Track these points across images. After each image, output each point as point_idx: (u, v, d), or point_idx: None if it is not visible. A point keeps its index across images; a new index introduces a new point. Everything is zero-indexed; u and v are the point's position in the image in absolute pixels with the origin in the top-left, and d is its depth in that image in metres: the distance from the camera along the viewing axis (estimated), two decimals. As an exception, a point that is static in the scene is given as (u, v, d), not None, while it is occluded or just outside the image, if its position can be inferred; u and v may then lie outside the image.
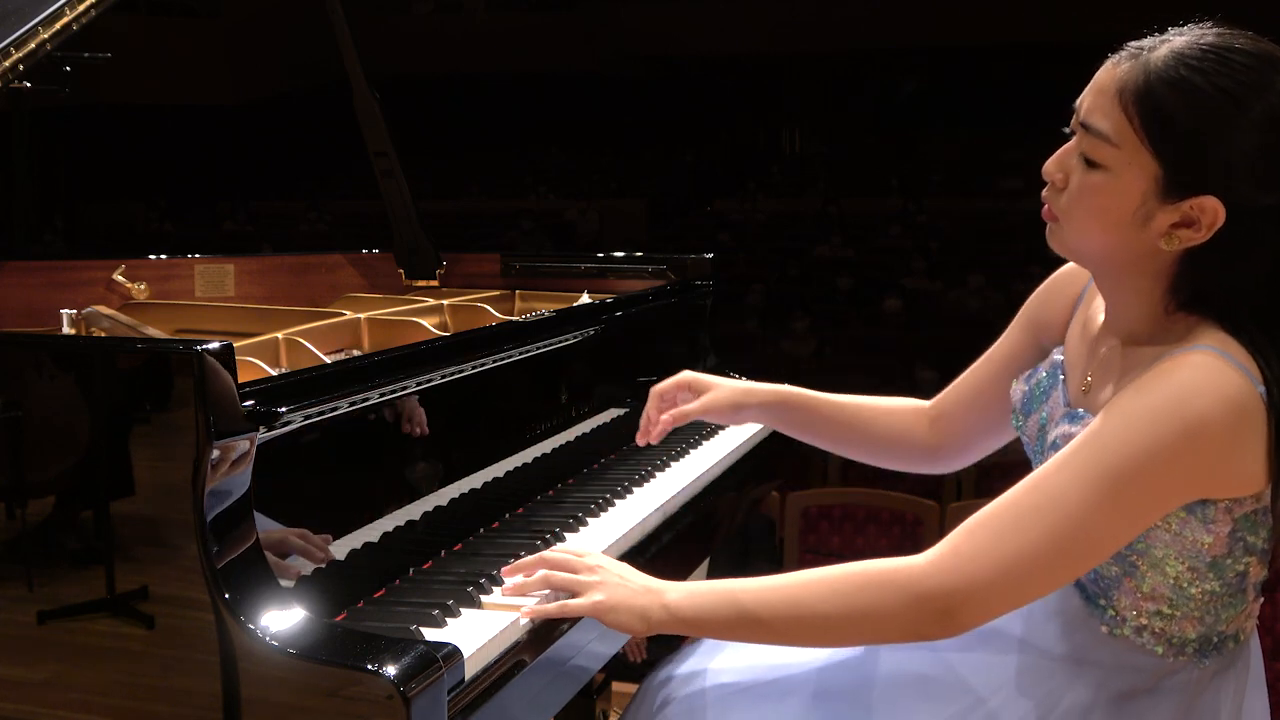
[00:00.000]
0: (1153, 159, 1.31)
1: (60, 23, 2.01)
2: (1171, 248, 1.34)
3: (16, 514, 1.38)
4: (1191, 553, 1.38)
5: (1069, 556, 1.34)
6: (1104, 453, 1.31)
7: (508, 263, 2.90)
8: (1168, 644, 1.43)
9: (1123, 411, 1.33)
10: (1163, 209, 1.33)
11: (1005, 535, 1.33)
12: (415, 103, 13.52)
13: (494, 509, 1.87)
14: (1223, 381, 1.30)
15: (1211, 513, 1.36)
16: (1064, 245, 1.44)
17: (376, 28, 15.17)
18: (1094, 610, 1.46)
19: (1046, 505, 1.33)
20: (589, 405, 2.24)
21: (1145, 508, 1.33)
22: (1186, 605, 1.41)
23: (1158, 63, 1.31)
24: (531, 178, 17.42)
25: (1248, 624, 1.48)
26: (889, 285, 9.69)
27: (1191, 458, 1.30)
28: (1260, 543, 1.40)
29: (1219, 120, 1.29)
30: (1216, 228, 1.31)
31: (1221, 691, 1.46)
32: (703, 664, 1.70)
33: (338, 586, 1.48)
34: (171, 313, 2.39)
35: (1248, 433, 1.31)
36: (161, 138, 15.76)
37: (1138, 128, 1.31)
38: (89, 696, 1.34)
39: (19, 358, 1.40)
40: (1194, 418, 1.29)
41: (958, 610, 1.35)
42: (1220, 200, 1.30)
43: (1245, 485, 1.34)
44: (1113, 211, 1.35)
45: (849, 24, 15.95)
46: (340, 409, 1.52)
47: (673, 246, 9.99)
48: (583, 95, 17.96)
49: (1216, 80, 1.29)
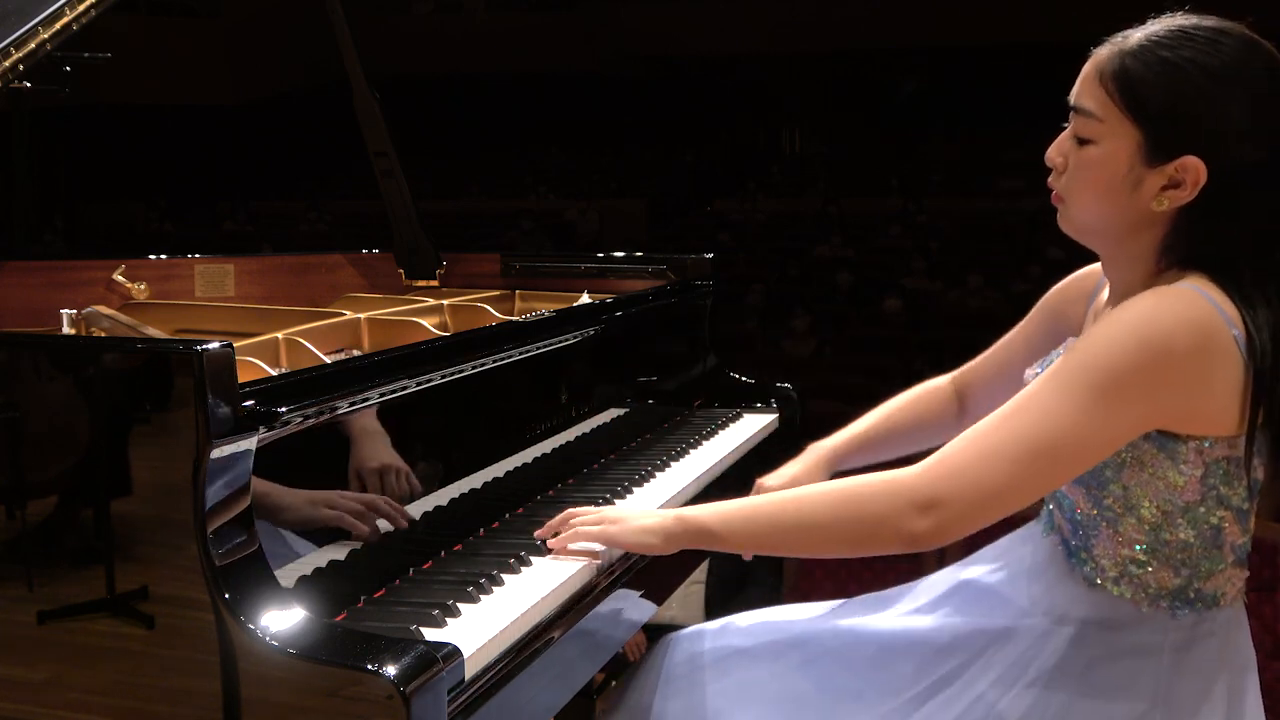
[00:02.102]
0: (1134, 127, 1.45)
1: (60, 23, 2.01)
2: (1162, 208, 1.45)
3: (16, 514, 1.38)
4: (1164, 495, 1.46)
5: (1046, 461, 1.42)
6: (1078, 364, 1.42)
7: (508, 263, 2.90)
8: (1144, 593, 1.50)
9: (1098, 331, 1.44)
10: (1150, 172, 1.45)
11: (989, 439, 1.44)
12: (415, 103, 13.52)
13: (494, 509, 1.87)
14: (1191, 309, 1.40)
15: (1181, 451, 1.43)
16: (1070, 223, 1.54)
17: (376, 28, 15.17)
18: (1076, 563, 1.54)
19: (1027, 412, 1.43)
20: (589, 405, 2.24)
21: (1116, 417, 1.41)
22: (1162, 552, 1.48)
23: (1131, 45, 1.47)
24: (531, 178, 17.42)
25: (1229, 589, 1.52)
26: (889, 285, 9.68)
27: (1155, 373, 1.39)
28: (1236, 499, 1.47)
29: (1189, 87, 1.42)
30: (1201, 185, 1.42)
31: (1205, 663, 1.50)
32: (706, 630, 1.81)
33: (338, 586, 1.49)
34: (171, 313, 2.39)
35: (1216, 365, 1.39)
36: (161, 138, 15.75)
37: (1117, 101, 1.45)
38: (89, 696, 1.34)
39: (19, 358, 1.40)
40: (1158, 336, 1.39)
41: (942, 508, 1.43)
42: (1201, 159, 1.42)
43: (1214, 425, 1.42)
44: (1105, 181, 1.47)
45: (849, 24, 15.96)
46: (340, 409, 1.52)
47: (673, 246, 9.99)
48: (583, 95, 17.96)
49: (1182, 52, 1.43)
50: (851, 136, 18.29)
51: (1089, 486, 1.51)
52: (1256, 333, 1.40)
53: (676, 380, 2.69)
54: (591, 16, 17.38)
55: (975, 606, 1.62)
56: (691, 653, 1.81)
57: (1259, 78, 1.43)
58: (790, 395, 2.72)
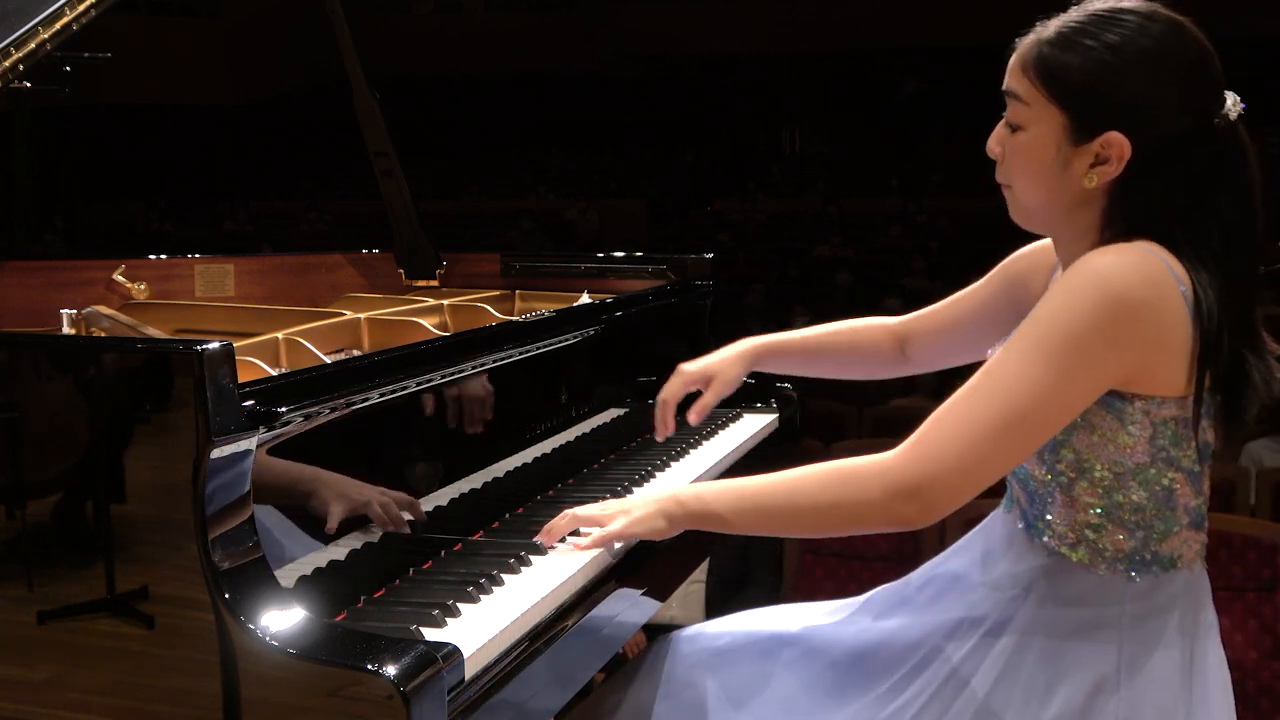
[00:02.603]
0: (1057, 109, 1.51)
1: (60, 23, 2.01)
2: (1093, 185, 1.51)
3: (16, 514, 1.38)
4: (1115, 457, 1.50)
5: (1018, 431, 1.46)
6: (1039, 329, 1.46)
7: (508, 263, 2.90)
8: (1101, 557, 1.53)
9: (1054, 294, 1.48)
10: (1077, 151, 1.51)
11: (962, 417, 1.47)
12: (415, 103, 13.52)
13: (494, 509, 1.86)
14: (1145, 264, 1.45)
15: (1129, 411, 1.47)
16: (1017, 210, 1.62)
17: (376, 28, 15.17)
18: (1034, 534, 1.57)
19: (995, 384, 1.47)
20: (589, 405, 2.24)
21: (1082, 377, 1.44)
22: (1116, 515, 1.52)
23: (1049, 32, 1.54)
24: (531, 178, 17.42)
25: (1186, 551, 1.55)
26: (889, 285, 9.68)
27: (1115, 326, 1.42)
28: (1186, 461, 1.51)
29: (1103, 67, 1.49)
30: (1126, 160, 1.49)
31: (1165, 625, 1.51)
32: (704, 629, 1.84)
33: (338, 586, 1.48)
34: (171, 313, 2.39)
35: (1168, 320, 1.44)
36: (161, 138, 15.76)
37: (1038, 85, 1.52)
38: (89, 696, 1.34)
39: (19, 358, 1.40)
40: (1114, 289, 1.43)
41: (926, 491, 1.47)
42: (1124, 135, 1.48)
43: (1163, 384, 1.47)
44: (1038, 163, 1.54)
45: (849, 24, 15.96)
46: (340, 409, 1.52)
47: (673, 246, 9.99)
48: (583, 95, 17.97)
49: (1097, 35, 1.50)
50: (851, 136, 18.29)
51: (1042, 453, 1.54)
52: (1203, 292, 1.44)
53: (676, 380, 2.68)
54: (591, 16, 17.38)
55: (948, 595, 1.64)
56: (684, 654, 1.82)
57: (1173, 52, 1.49)
58: (790, 395, 2.72)
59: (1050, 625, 1.53)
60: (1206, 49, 1.51)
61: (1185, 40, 1.50)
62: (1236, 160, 1.51)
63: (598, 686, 1.96)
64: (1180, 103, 1.48)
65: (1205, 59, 1.51)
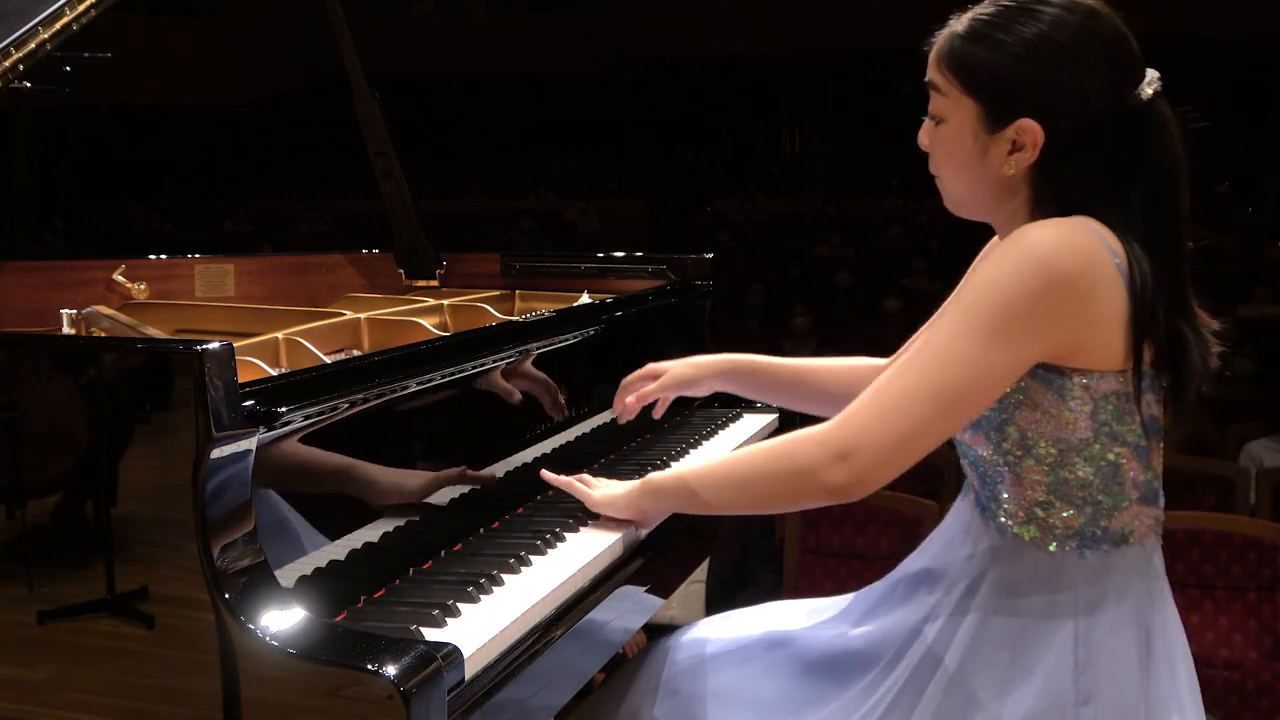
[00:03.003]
0: (971, 100, 1.56)
1: (60, 23, 2.01)
2: (1012, 171, 1.54)
3: (16, 514, 1.38)
4: (1058, 433, 1.51)
5: (950, 401, 1.47)
6: (971, 301, 1.48)
7: (508, 263, 2.90)
8: (1051, 535, 1.54)
9: (986, 266, 1.51)
10: (993, 140, 1.55)
11: (895, 387, 1.49)
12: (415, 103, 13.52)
13: (494, 509, 1.86)
14: (1076, 234, 1.47)
15: (1068, 386, 1.49)
16: (949, 199, 1.67)
17: (376, 28, 15.17)
18: (989, 516, 1.59)
19: (927, 356, 1.49)
20: (589, 405, 2.24)
21: (1013, 347, 1.46)
22: (1064, 491, 1.53)
23: (960, 24, 1.58)
24: (531, 178, 17.42)
25: (1137, 525, 1.56)
26: (889, 285, 9.68)
27: (1045, 296, 1.44)
28: (1131, 436, 1.52)
29: (1013, 57, 1.52)
30: (1042, 145, 1.52)
31: (1119, 601, 1.52)
32: (700, 632, 1.85)
33: (338, 586, 1.48)
34: (171, 313, 2.39)
35: (1101, 290, 1.46)
36: (161, 138, 15.76)
37: (952, 78, 1.57)
38: (89, 696, 1.34)
39: (19, 358, 1.40)
40: (1044, 258, 1.45)
41: (856, 457, 1.48)
42: (1036, 121, 1.51)
43: (1100, 358, 1.48)
44: (959, 153, 1.59)
45: (849, 24, 15.96)
46: (340, 409, 1.52)
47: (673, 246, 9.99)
48: (583, 95, 17.97)
49: (1006, 26, 1.53)
50: (851, 136, 18.28)
51: (988, 433, 1.55)
52: (1136, 264, 1.47)
53: (676, 380, 2.68)
54: (591, 16, 17.38)
55: (917, 590, 1.65)
56: (680, 656, 1.83)
57: (1084, 38, 1.51)
58: (790, 395, 2.71)
59: (1008, 607, 1.55)
60: (1120, 31, 1.53)
61: (1096, 26, 1.52)
62: (1156, 137, 1.53)
63: (598, 686, 1.96)
64: (1092, 87, 1.51)
65: (1118, 42, 1.52)
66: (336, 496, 1.56)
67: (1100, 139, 1.52)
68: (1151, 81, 1.53)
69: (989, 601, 1.55)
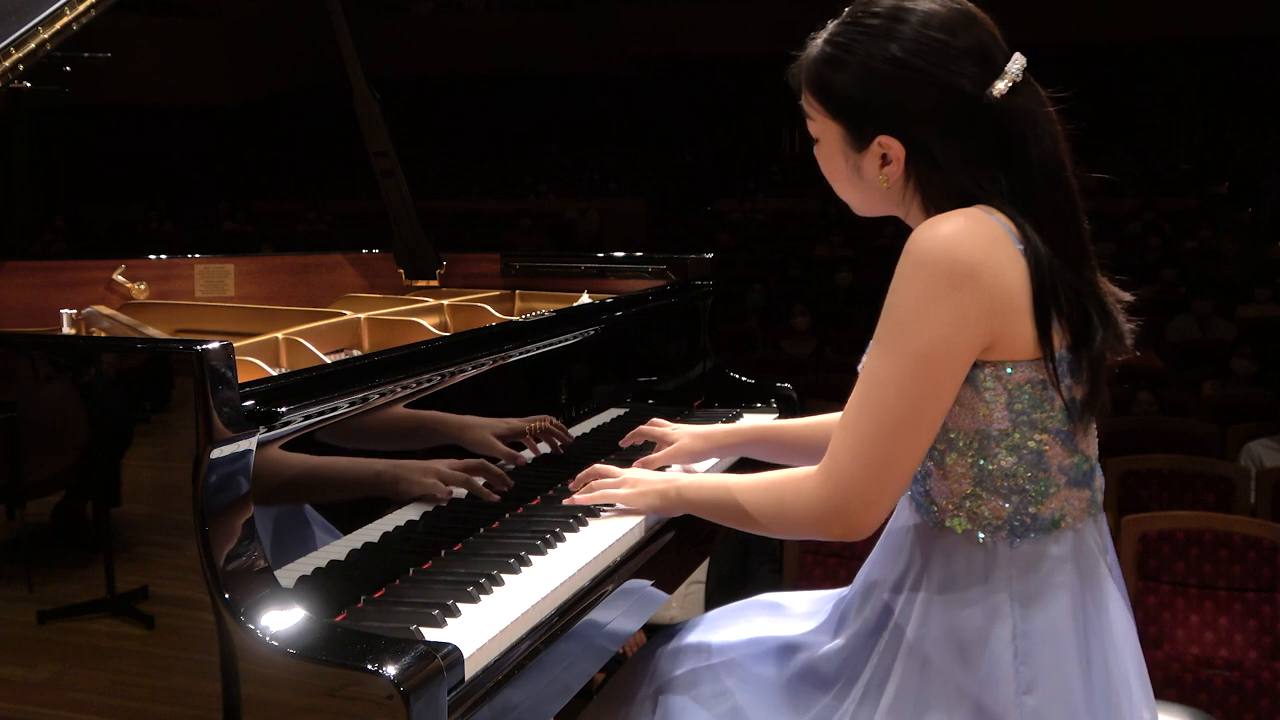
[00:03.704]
0: (833, 121, 1.60)
1: (60, 23, 2.01)
2: (885, 185, 1.58)
3: (16, 514, 1.38)
4: (975, 426, 1.52)
5: (908, 428, 1.49)
6: (888, 323, 1.50)
7: (508, 263, 2.90)
8: (981, 525, 1.55)
9: (893, 283, 1.51)
10: (861, 157, 1.59)
11: (855, 433, 1.52)
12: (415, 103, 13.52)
13: (494, 509, 1.86)
14: (970, 225, 1.47)
15: (980, 378, 1.50)
16: (855, 209, 1.70)
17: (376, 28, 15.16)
18: (926, 515, 1.60)
19: (869, 393, 1.51)
20: (589, 405, 2.24)
21: (942, 354, 1.47)
22: (989, 482, 1.54)
23: (815, 47, 1.61)
24: (531, 178, 17.41)
25: (1069, 510, 1.56)
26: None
27: (955, 294, 1.45)
28: (1053, 423, 1.52)
29: (857, 77, 1.55)
30: (905, 156, 1.55)
31: (1055, 587, 1.53)
32: (698, 638, 1.84)
33: (338, 586, 1.49)
34: (171, 313, 2.39)
35: (1008, 274, 1.46)
36: (161, 138, 15.74)
37: (814, 101, 1.61)
38: (89, 696, 1.34)
39: (19, 358, 1.40)
40: (941, 258, 1.46)
41: (846, 510, 1.53)
42: (892, 135, 1.55)
43: (1011, 347, 1.49)
44: (837, 171, 1.64)
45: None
46: (340, 409, 1.52)
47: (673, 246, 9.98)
48: (583, 95, 17.97)
49: (850, 46, 1.56)
50: (851, 136, 18.25)
51: None
52: (1033, 244, 1.48)
53: (676, 380, 2.69)
54: (591, 16, 17.38)
55: (870, 594, 1.67)
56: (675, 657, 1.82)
57: (923, 44, 1.52)
58: (790, 395, 2.71)
59: (949, 601, 1.55)
60: (967, 29, 1.53)
61: (937, 31, 1.52)
62: (1027, 123, 1.52)
63: (598, 687, 1.96)
64: (943, 91, 1.51)
65: (966, 40, 1.52)
66: (337, 496, 1.56)
67: (967, 136, 1.52)
68: (1011, 70, 1.52)
69: (932, 597, 1.57)
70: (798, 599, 1.88)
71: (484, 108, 18.00)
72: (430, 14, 18.26)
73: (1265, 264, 10.12)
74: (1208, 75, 16.69)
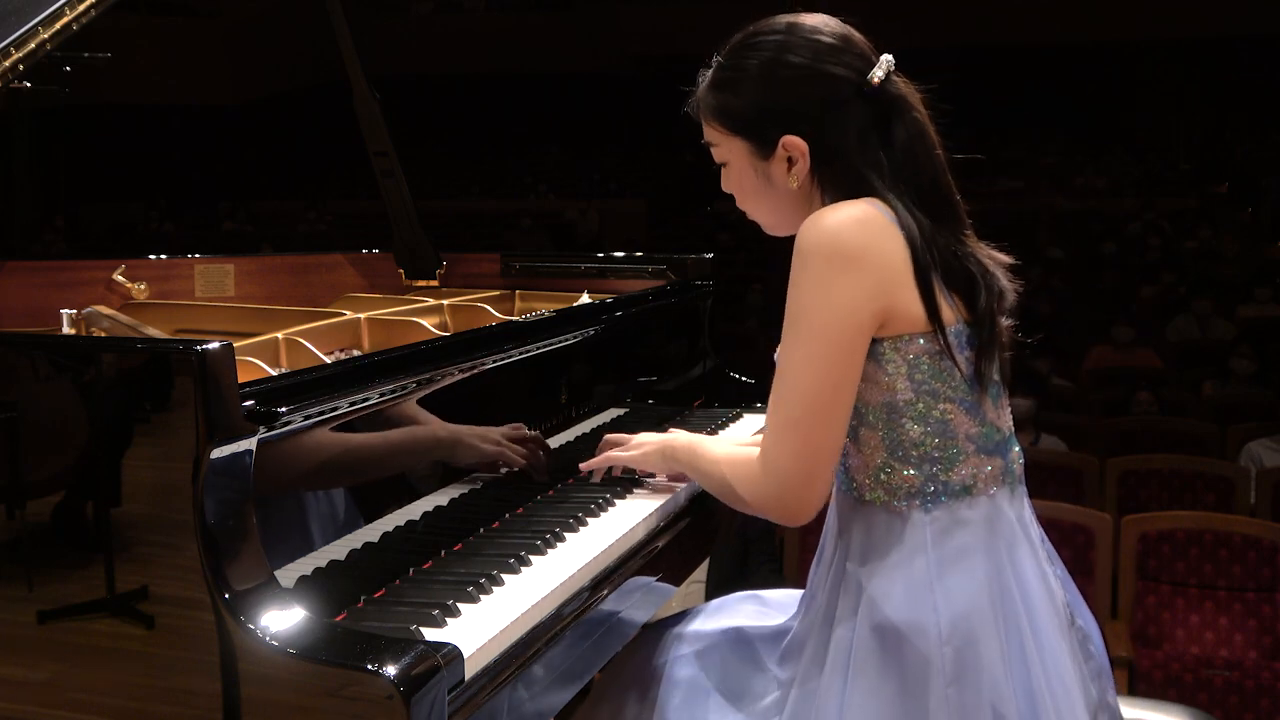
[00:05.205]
0: (737, 139, 1.73)
1: (60, 23, 2.01)
2: (796, 184, 1.69)
3: (16, 514, 1.38)
4: (881, 398, 1.61)
5: (826, 409, 1.58)
6: (791, 312, 1.59)
7: (508, 263, 2.90)
8: (895, 495, 1.63)
9: (791, 276, 1.59)
10: (769, 164, 1.71)
11: (779, 421, 1.60)
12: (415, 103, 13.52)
13: (494, 509, 1.87)
14: (848, 211, 1.58)
15: (880, 350, 1.59)
16: (769, 229, 1.79)
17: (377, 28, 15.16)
18: (847, 490, 1.69)
19: (785, 382, 1.60)
20: (589, 405, 2.24)
21: (845, 333, 1.56)
22: (899, 452, 1.62)
23: (708, 79, 1.75)
24: (531, 178, 17.40)
25: (979, 476, 1.62)
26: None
27: (844, 276, 1.55)
28: (956, 393, 1.61)
29: (752, 90, 1.69)
30: (808, 151, 1.67)
31: (970, 553, 1.58)
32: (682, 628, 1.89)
33: (338, 586, 1.49)
34: (171, 313, 2.39)
35: (891, 253, 1.57)
36: (161, 138, 15.74)
37: (716, 126, 1.74)
38: (89, 696, 1.34)
39: (19, 358, 1.40)
40: (824, 244, 1.56)
41: (784, 495, 1.62)
42: (794, 134, 1.66)
43: (904, 320, 1.58)
44: (748, 187, 1.75)
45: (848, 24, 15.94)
46: (340, 409, 1.52)
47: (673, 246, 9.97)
48: (583, 95, 17.95)
49: (739, 67, 1.70)
50: (851, 136, 18.25)
51: None
52: (908, 218, 1.58)
53: (676, 380, 2.69)
54: (591, 16, 17.38)
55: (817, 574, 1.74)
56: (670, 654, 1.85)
57: (800, 50, 1.67)
58: (790, 395, 2.71)
59: (869, 572, 1.61)
60: (836, 32, 1.69)
61: (810, 36, 1.68)
62: (898, 107, 1.67)
63: (596, 685, 1.96)
64: (827, 87, 1.65)
65: (837, 42, 1.68)
66: (336, 495, 1.56)
67: (852, 124, 1.65)
68: (882, 64, 1.67)
69: (857, 569, 1.63)
70: (781, 593, 1.93)
71: (484, 108, 18.00)
72: (430, 14, 18.26)
73: (1265, 264, 10.13)
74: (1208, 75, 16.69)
